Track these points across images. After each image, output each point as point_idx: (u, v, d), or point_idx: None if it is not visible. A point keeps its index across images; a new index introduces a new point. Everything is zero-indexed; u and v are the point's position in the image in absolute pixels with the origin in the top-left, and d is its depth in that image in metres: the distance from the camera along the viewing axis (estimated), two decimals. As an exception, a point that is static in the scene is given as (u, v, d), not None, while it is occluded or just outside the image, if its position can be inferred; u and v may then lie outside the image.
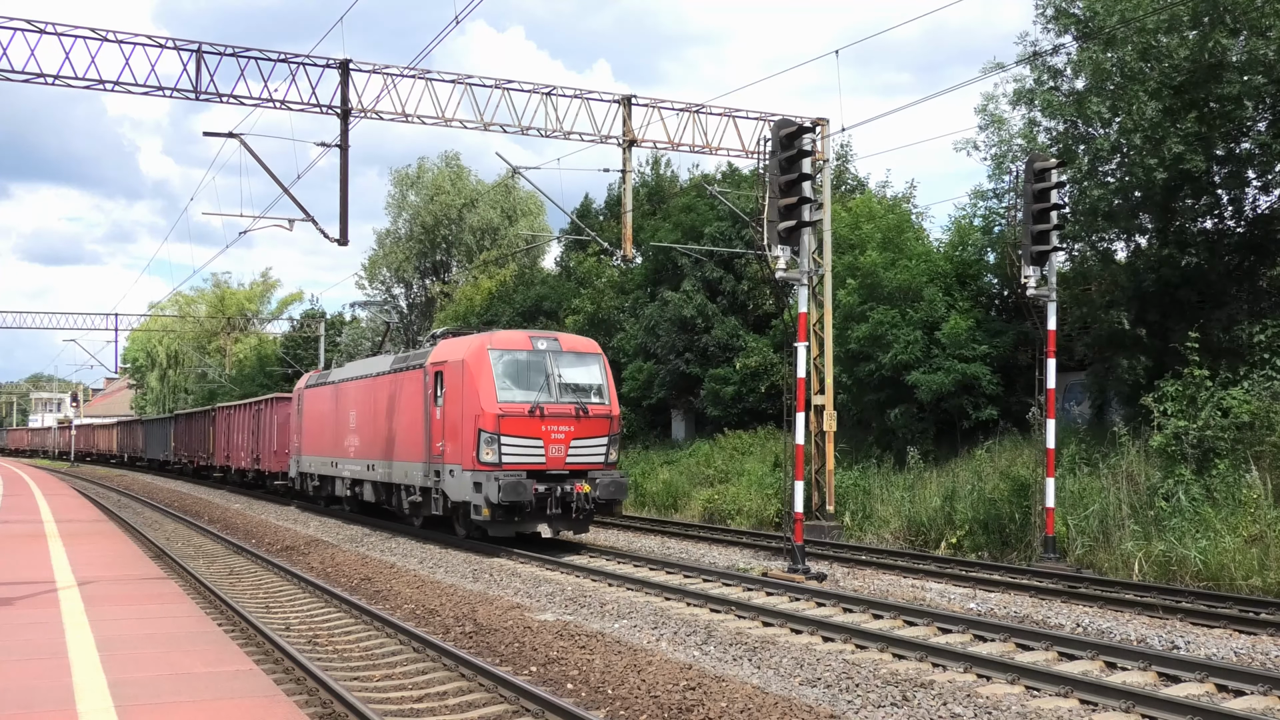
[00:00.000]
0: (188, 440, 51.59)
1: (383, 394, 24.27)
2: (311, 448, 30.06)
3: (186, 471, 52.47)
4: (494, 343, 20.05)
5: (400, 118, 22.09)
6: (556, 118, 23.23)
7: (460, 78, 22.66)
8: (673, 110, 24.05)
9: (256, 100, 21.25)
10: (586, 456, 19.78)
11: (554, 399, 19.64)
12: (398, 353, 26.38)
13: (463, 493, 19.73)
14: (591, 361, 20.77)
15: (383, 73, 21.84)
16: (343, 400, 27.37)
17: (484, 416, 19.19)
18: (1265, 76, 18.56)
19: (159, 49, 20.45)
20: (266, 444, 36.67)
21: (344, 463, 26.96)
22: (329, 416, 28.39)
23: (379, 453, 24.33)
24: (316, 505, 31.02)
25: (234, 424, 42.12)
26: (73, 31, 19.80)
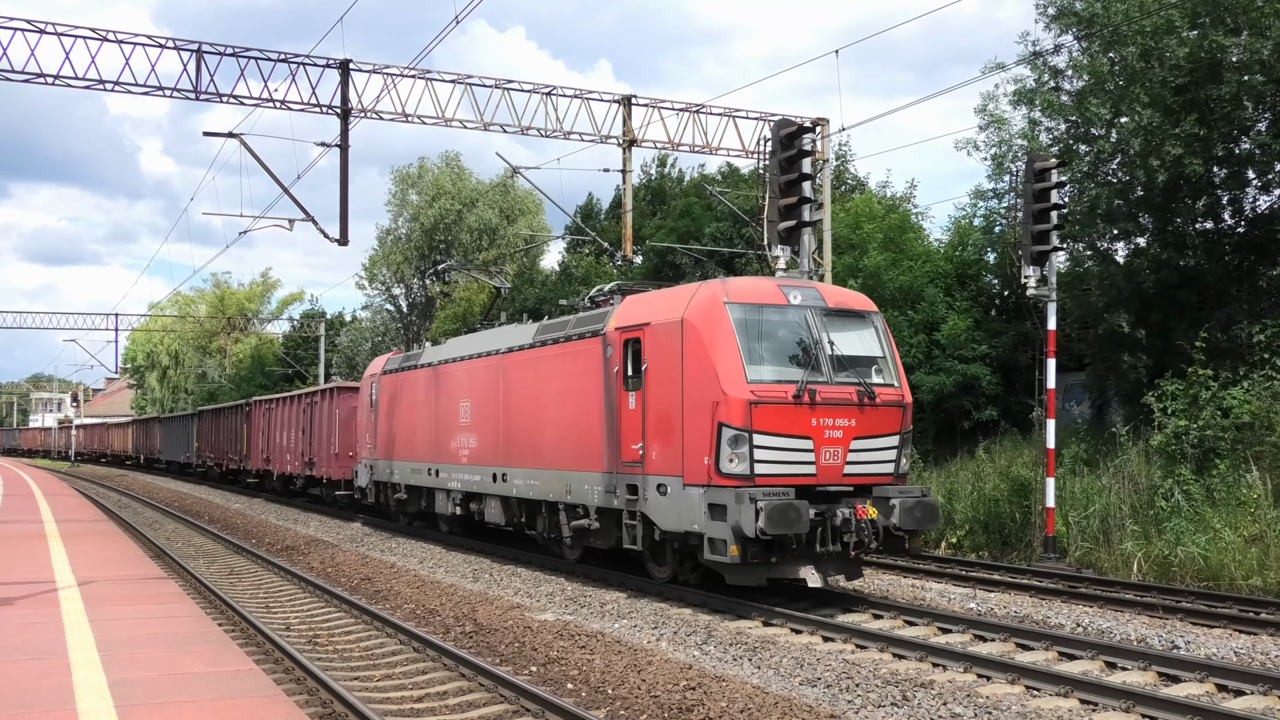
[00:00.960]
0: (215, 440, 45.54)
1: (520, 377, 17.94)
2: (394, 450, 23.67)
3: (212, 476, 47.05)
4: (732, 293, 13.67)
5: (400, 118, 22.10)
6: (556, 118, 23.25)
7: (460, 78, 22.67)
8: (673, 110, 24.06)
9: (256, 100, 21.27)
10: (871, 464, 13.52)
11: (827, 378, 13.41)
12: (545, 319, 18.97)
13: (686, 519, 13.33)
14: (867, 323, 14.42)
15: (383, 73, 21.85)
16: (448, 388, 20.89)
17: (727, 404, 12.84)
18: (1264, 76, 18.57)
19: (159, 49, 20.46)
20: (323, 445, 30.32)
21: (450, 471, 20.47)
22: (424, 409, 22.02)
23: (515, 458, 17.94)
24: (395, 524, 24.86)
25: (277, 420, 35.56)
26: (73, 31, 19.81)
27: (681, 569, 14.64)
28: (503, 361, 18.60)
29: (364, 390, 26.10)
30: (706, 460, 12.99)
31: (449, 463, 20.51)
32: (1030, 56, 21.61)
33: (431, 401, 21.56)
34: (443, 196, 57.85)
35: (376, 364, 25.81)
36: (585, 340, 15.95)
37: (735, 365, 13.07)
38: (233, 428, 42.07)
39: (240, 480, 42.44)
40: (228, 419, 43.20)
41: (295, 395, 34.10)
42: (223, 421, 44.11)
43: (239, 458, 40.85)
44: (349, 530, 25.12)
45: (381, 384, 24.55)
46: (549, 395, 16.84)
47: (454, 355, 20.90)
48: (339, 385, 30.08)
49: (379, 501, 24.88)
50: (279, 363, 65.88)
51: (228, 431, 42.87)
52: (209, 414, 47.40)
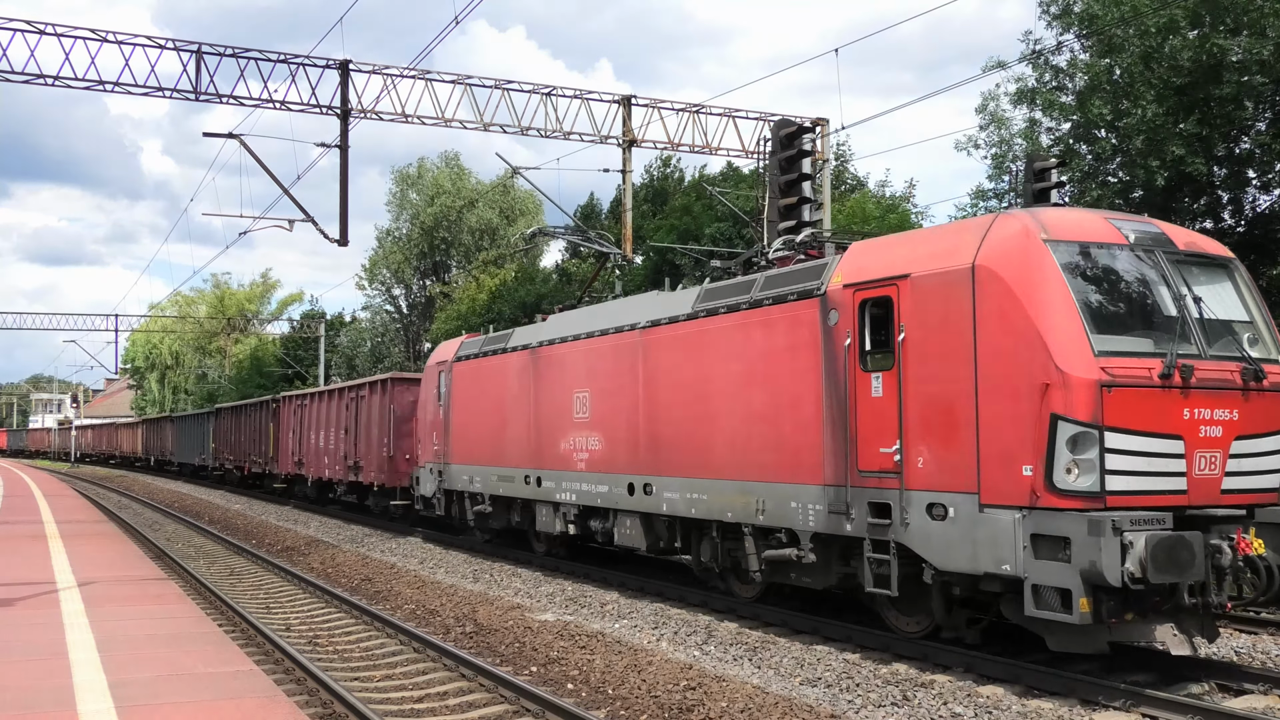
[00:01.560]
0: (235, 440, 41.54)
1: (671, 359, 13.81)
2: (473, 453, 19.36)
3: (230, 480, 43.25)
4: (1051, 227, 9.85)
5: (400, 118, 22.12)
6: (556, 118, 23.27)
7: (460, 78, 22.69)
8: (672, 110, 24.08)
9: (256, 101, 21.29)
10: (1257, 475, 9.77)
11: (1199, 351, 9.65)
12: (707, 283, 13.97)
13: (986, 555, 9.44)
14: (1228, 274, 10.74)
15: (382, 73, 21.86)
16: (554, 375, 16.71)
17: (1066, 388, 9.07)
18: (1265, 76, 18.59)
19: (159, 50, 20.48)
20: (372, 447, 25.96)
21: (559, 480, 16.29)
22: (518, 403, 17.74)
23: (666, 464, 13.77)
24: (469, 540, 20.78)
25: (312, 418, 31.24)
26: (73, 32, 19.82)
27: (951, 620, 10.62)
28: (642, 340, 14.36)
29: (428, 381, 21.68)
30: (1028, 470, 9.11)
31: (557, 469, 16.34)
32: (1031, 55, 21.65)
33: (528, 393, 17.37)
34: (443, 195, 57.90)
35: (445, 349, 21.56)
36: (787, 305, 11.85)
37: (1073, 331, 9.19)
38: (256, 427, 38.03)
39: (264, 485, 38.82)
40: (250, 417, 39.03)
41: (336, 389, 29.88)
42: (245, 420, 40.00)
43: (264, 460, 36.87)
44: (349, 531, 25.11)
45: (455, 373, 20.21)
46: (724, 381, 12.71)
47: (562, 334, 16.68)
48: (394, 376, 25.47)
49: (449, 514, 20.67)
50: (278, 363, 65.88)
51: (250, 431, 38.86)
52: (228, 412, 43.23)
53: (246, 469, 39.36)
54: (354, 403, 27.64)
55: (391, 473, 24.55)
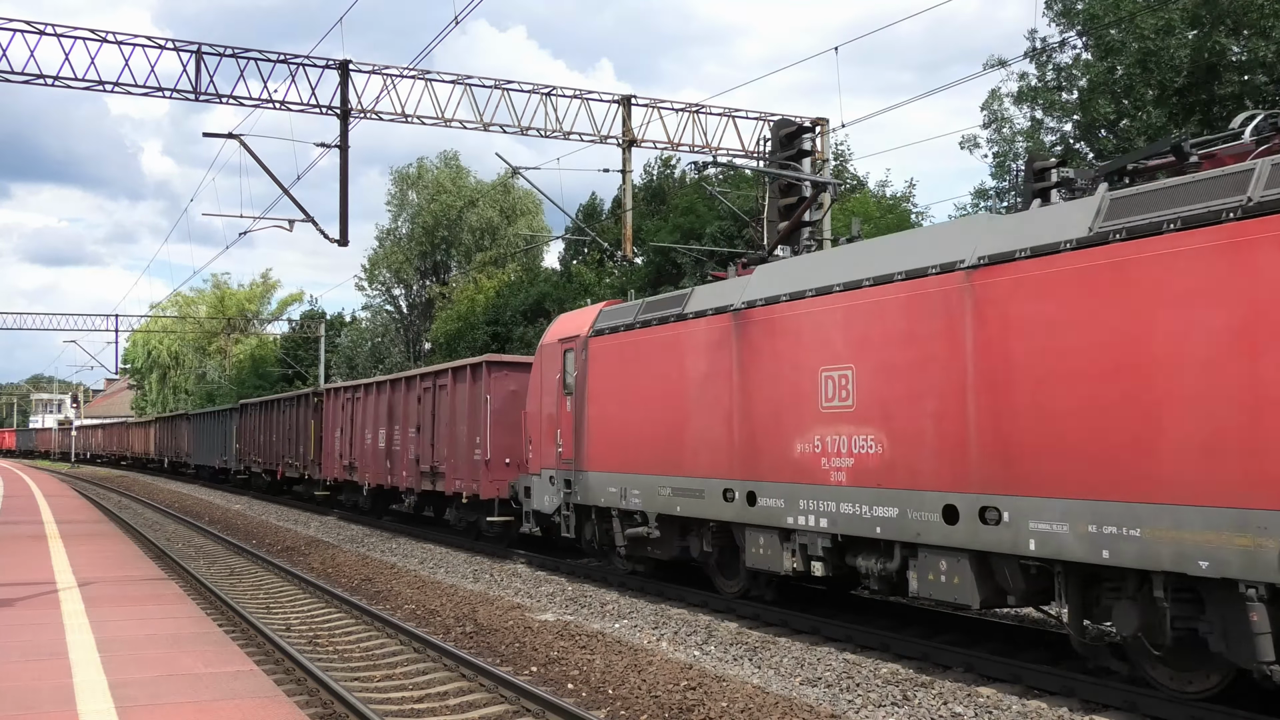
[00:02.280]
0: (265, 440, 36.82)
1: (1047, 311, 9.16)
2: (631, 457, 14.66)
3: (258, 485, 38.62)
4: None
5: (400, 118, 22.11)
6: (556, 118, 23.26)
7: (460, 78, 22.68)
8: (672, 110, 24.07)
9: (256, 101, 21.28)
10: None
11: None
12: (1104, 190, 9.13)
13: None
14: None
15: (382, 73, 21.86)
16: (780, 347, 12.13)
17: None
18: (1266, 76, 18.60)
19: (159, 50, 20.47)
20: (457, 448, 21.22)
21: (797, 495, 11.67)
22: (712, 388, 13.09)
23: (1037, 478, 9.14)
24: (608, 569, 16.46)
25: (369, 414, 26.56)
26: (72, 32, 19.81)
27: None
28: (971, 286, 9.77)
29: (546, 364, 17.15)
30: None
31: (789, 481, 11.68)
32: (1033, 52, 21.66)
33: (727, 373, 12.73)
34: (443, 195, 57.92)
35: (572, 321, 17.00)
36: None
37: None
38: (291, 425, 33.22)
39: (300, 492, 33.85)
40: (285, 414, 34.15)
41: (403, 378, 25.05)
42: (277, 417, 35.09)
43: (301, 464, 32.13)
44: (349, 531, 25.10)
45: (593, 352, 15.66)
46: (1182, 342, 8.11)
47: (792, 289, 11.95)
48: (491, 360, 20.61)
49: (580, 537, 16.17)
50: (278, 363, 65.87)
51: (285, 430, 34.09)
52: (255, 409, 38.56)
53: (280, 473, 34.51)
54: (430, 394, 22.92)
55: (489, 481, 19.67)
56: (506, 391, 19.93)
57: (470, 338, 43.72)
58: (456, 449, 21.19)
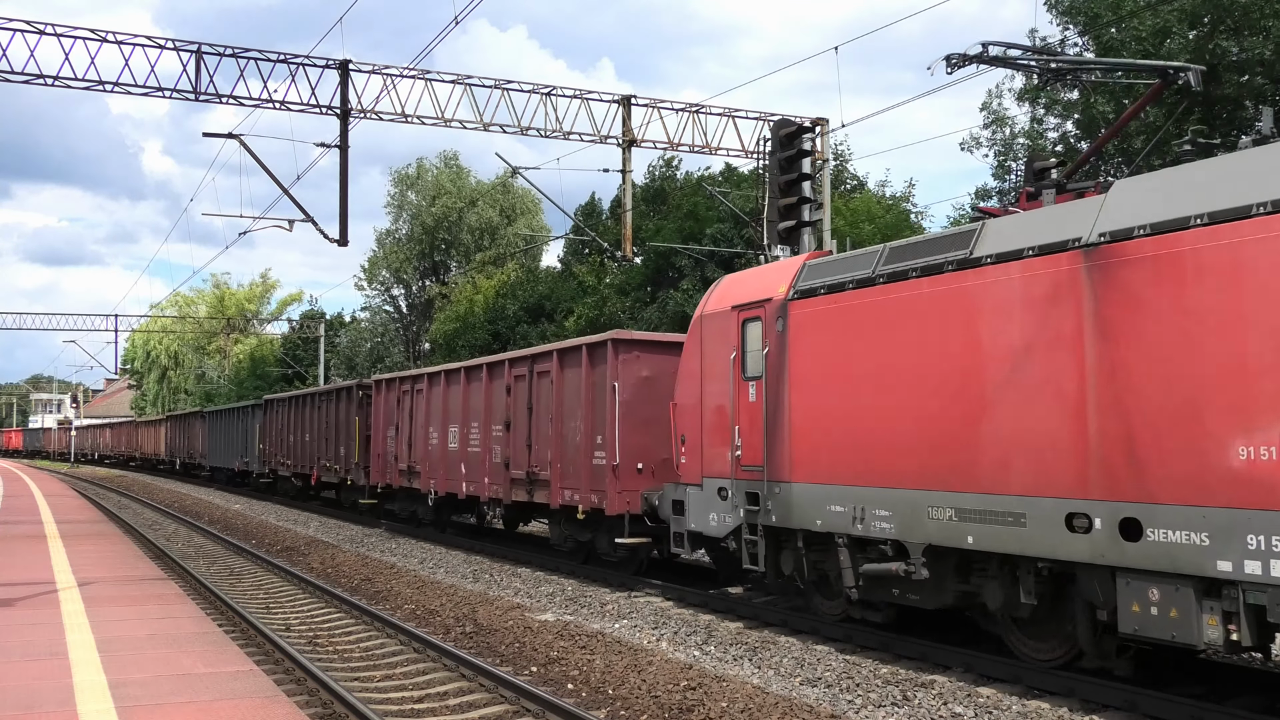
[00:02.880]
0: (295, 440, 32.44)
1: None
2: (871, 464, 10.80)
3: (285, 490, 34.60)
4: None
5: (400, 118, 22.12)
6: (556, 118, 23.27)
7: (460, 78, 22.69)
8: (672, 110, 24.08)
9: (256, 101, 21.28)
10: None
11: None
12: None
13: None
14: None
15: (382, 73, 21.86)
16: (1170, 306, 8.18)
17: None
18: (1265, 77, 18.61)
19: (159, 50, 20.47)
20: (565, 450, 17.26)
21: (1239, 527, 7.58)
22: (1038, 368, 9.15)
23: None
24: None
25: (434, 409, 22.49)
26: (72, 32, 19.81)
27: None
28: None
29: (711, 340, 13.33)
30: None
31: (1226, 505, 7.76)
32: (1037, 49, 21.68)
33: (1074, 342, 8.87)
34: (443, 195, 57.94)
35: (758, 279, 13.00)
36: None
37: None
38: (331, 421, 29.29)
39: (339, 499, 30.09)
40: (322, 410, 30.15)
41: (485, 364, 20.59)
42: (313, 414, 30.83)
43: (341, 467, 28.20)
44: (349, 531, 25.09)
45: (795, 321, 11.80)
46: None
47: (1226, 205, 7.98)
48: (617, 336, 16.51)
49: (775, 570, 12.42)
50: (278, 363, 65.85)
51: (322, 427, 30.06)
52: (283, 404, 34.24)
53: (315, 478, 30.21)
54: (524, 382, 18.69)
55: (618, 493, 15.57)
56: (638, 378, 15.90)
57: (469, 338, 43.73)
58: (565, 451, 17.19)
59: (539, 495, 17.84)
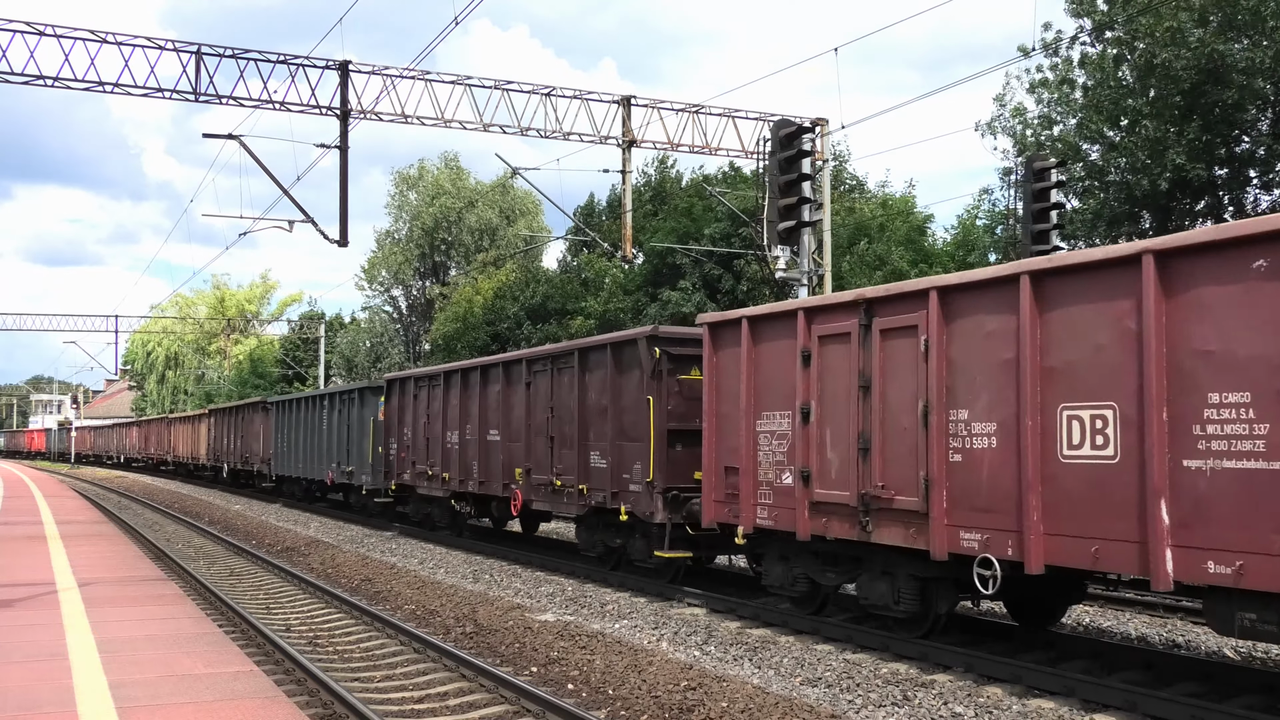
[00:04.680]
0: (411, 444, 22.86)
1: None
2: None
3: (434, 524, 22.58)
4: None
5: (400, 119, 22.12)
6: (556, 118, 23.28)
7: (460, 78, 22.69)
8: (672, 110, 24.08)
9: (256, 101, 21.29)
10: None
11: None
12: None
13: None
14: None
15: (382, 74, 21.87)
16: None
17: None
18: (1265, 80, 18.61)
19: (158, 50, 20.48)
20: None
21: None
22: None
23: None
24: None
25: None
26: (72, 33, 19.82)
27: None
28: None
29: None
30: None
31: None
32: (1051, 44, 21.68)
33: None
34: (443, 196, 57.98)
35: None
36: None
37: None
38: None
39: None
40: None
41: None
42: (423, 399, 22.35)
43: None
44: (349, 531, 25.09)
45: None
46: None
47: None
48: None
49: None
50: (278, 364, 65.86)
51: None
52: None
53: (518, 502, 18.27)
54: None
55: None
56: None
57: (469, 338, 43.74)
58: None
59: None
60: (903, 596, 10.87)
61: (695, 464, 13.79)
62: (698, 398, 13.67)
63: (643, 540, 15.00)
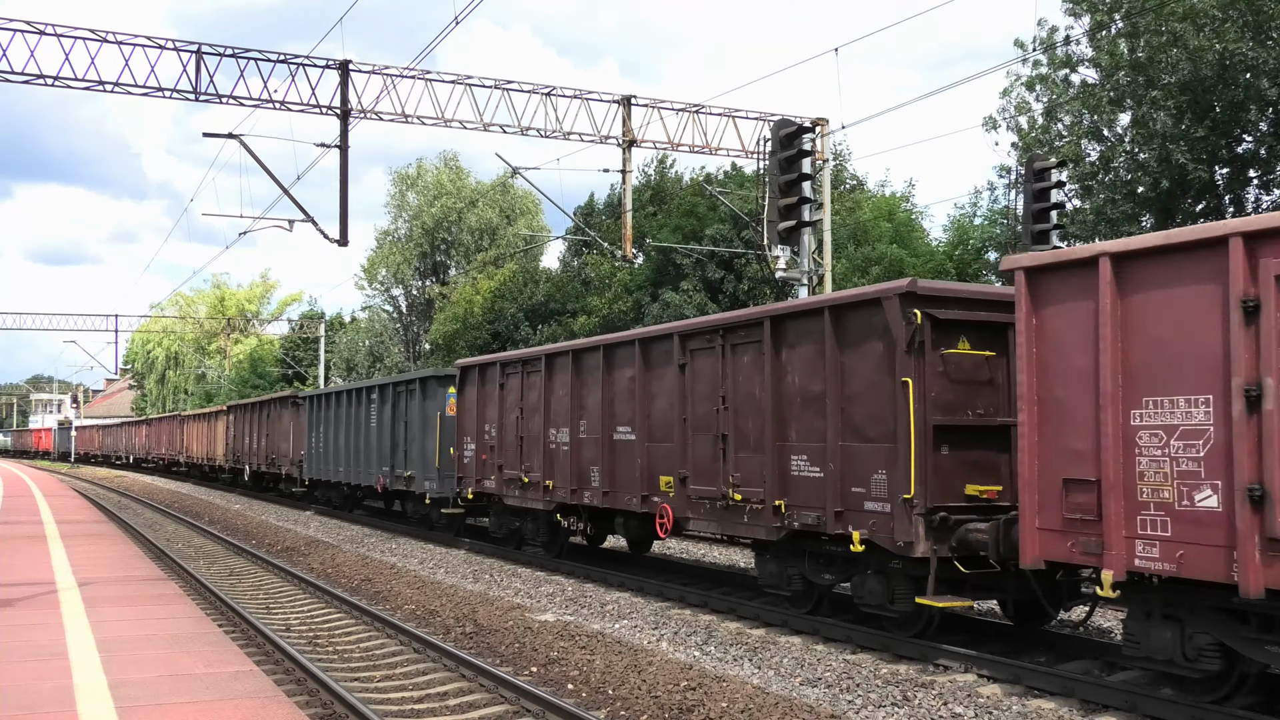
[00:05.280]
0: (497, 444, 18.82)
1: None
2: None
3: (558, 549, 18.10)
4: None
5: (400, 118, 22.13)
6: (556, 118, 23.27)
7: (460, 78, 22.69)
8: (673, 110, 24.08)
9: (256, 101, 21.29)
10: None
11: None
12: None
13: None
14: None
15: (382, 73, 21.87)
16: None
17: None
18: (1269, 80, 18.61)
19: (159, 50, 20.47)
20: None
21: None
22: None
23: None
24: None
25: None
26: (72, 33, 19.82)
27: None
28: None
29: None
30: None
31: None
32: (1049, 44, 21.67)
33: None
34: (443, 196, 58.00)
35: None
36: None
37: None
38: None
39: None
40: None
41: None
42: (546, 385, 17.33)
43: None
44: (349, 531, 25.08)
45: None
46: None
47: None
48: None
49: None
50: (278, 364, 65.86)
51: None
52: (497, 372, 18.99)
53: (668, 519, 14.18)
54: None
55: None
56: None
57: (469, 338, 43.75)
58: None
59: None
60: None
61: (968, 473, 10.49)
62: (967, 380, 10.58)
63: (878, 578, 11.11)
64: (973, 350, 10.63)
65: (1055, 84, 21.83)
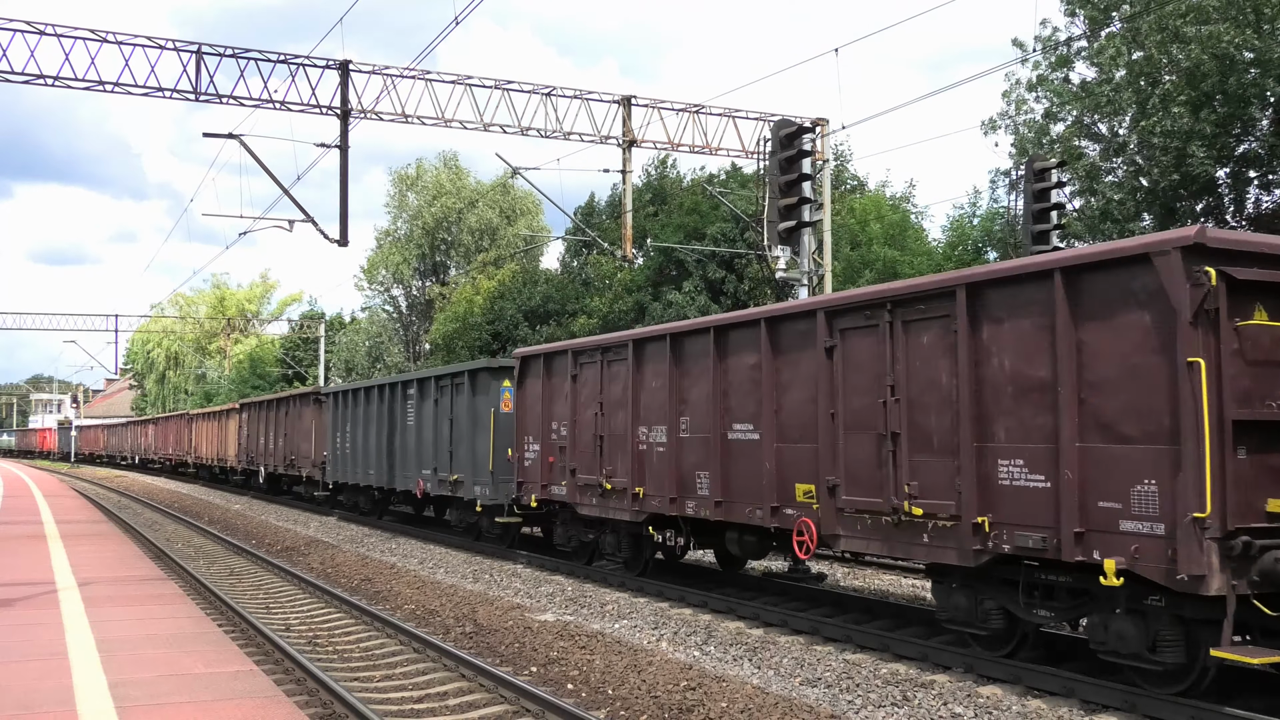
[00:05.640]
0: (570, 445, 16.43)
1: None
2: None
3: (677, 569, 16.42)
4: None
5: (400, 118, 22.13)
6: (556, 118, 23.28)
7: (460, 78, 22.70)
8: (673, 110, 24.09)
9: (256, 101, 21.29)
10: None
11: None
12: None
13: None
14: None
15: (382, 73, 21.87)
16: None
17: None
18: (1268, 75, 18.61)
19: (159, 50, 20.48)
20: None
21: None
22: None
23: None
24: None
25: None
26: (73, 33, 19.82)
27: None
28: None
29: None
30: None
31: None
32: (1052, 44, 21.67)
33: None
34: (443, 196, 58.01)
35: None
36: None
37: None
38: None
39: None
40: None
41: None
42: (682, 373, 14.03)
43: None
44: (349, 531, 25.08)
45: None
46: None
47: None
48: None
49: None
50: (278, 363, 65.86)
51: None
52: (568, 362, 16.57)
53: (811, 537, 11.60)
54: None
55: None
56: None
57: (469, 338, 43.75)
58: None
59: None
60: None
61: (1271, 484, 8.21)
62: (1266, 361, 8.25)
63: (1132, 620, 8.71)
64: (1271, 322, 8.24)
65: (1054, 85, 21.85)
